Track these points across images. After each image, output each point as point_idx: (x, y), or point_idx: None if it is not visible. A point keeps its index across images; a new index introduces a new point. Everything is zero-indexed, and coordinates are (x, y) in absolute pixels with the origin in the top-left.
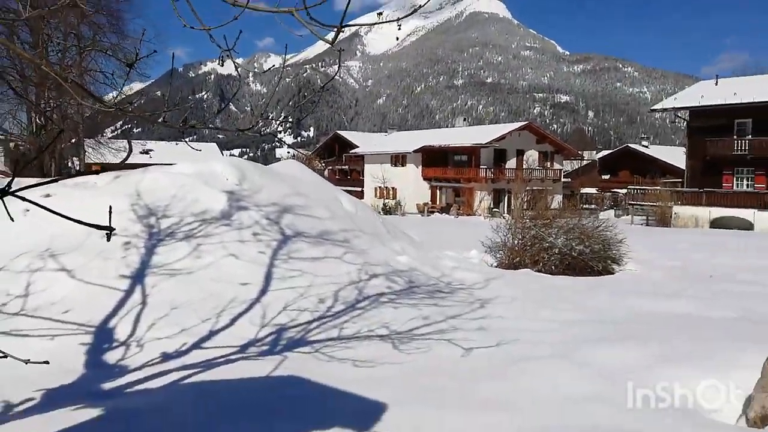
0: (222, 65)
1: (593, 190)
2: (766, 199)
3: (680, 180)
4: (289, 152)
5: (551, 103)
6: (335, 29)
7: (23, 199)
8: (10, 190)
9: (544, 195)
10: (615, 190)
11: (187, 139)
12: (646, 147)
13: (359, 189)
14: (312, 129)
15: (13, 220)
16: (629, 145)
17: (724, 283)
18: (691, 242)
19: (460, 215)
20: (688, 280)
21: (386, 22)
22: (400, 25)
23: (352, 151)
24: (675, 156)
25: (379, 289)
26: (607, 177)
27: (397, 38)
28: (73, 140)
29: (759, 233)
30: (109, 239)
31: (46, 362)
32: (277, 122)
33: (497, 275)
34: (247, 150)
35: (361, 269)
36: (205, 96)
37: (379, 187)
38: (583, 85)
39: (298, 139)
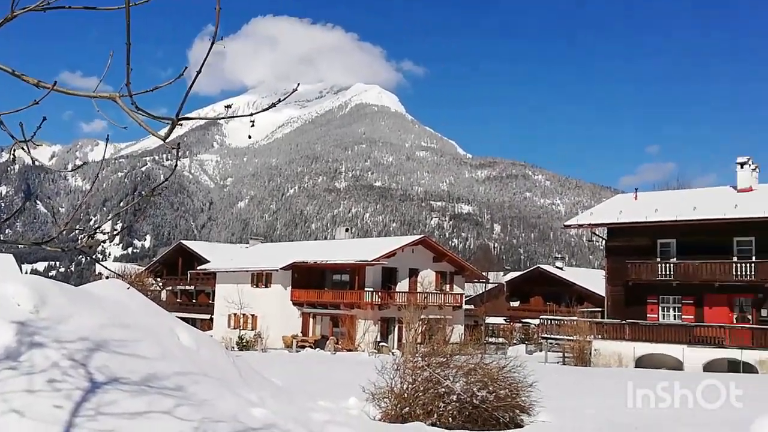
0: (13, 161)
1: (500, 320)
2: (696, 333)
3: (600, 309)
4: (100, 273)
5: (451, 213)
6: (169, 122)
7: None
8: None
9: (443, 325)
10: (526, 320)
11: None
12: (561, 269)
13: (208, 316)
14: (149, 238)
15: None
16: (541, 266)
17: None
18: (615, 385)
19: (339, 351)
20: None
21: (235, 116)
22: (253, 122)
23: (201, 267)
24: (594, 280)
25: None
26: (516, 304)
27: (249, 136)
28: None
29: (689, 373)
30: None
31: None
32: (91, 230)
33: (381, 431)
34: (57, 263)
35: (199, 427)
36: (5, 192)
37: (235, 314)
38: (488, 193)
39: (129, 250)
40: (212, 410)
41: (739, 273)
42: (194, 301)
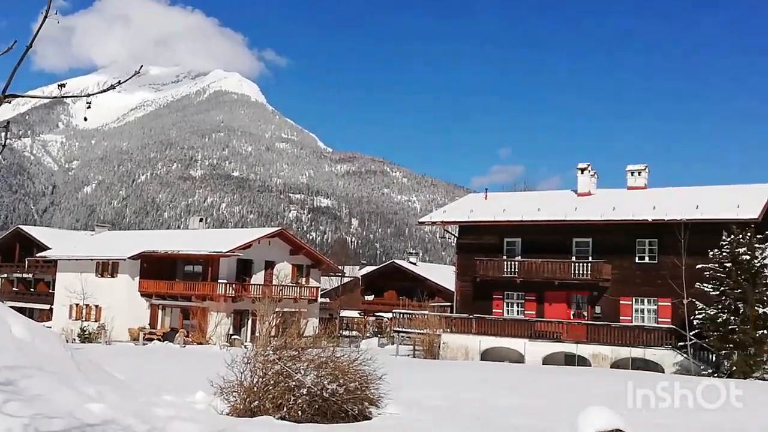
0: None
1: (355, 314)
2: (537, 328)
3: (450, 304)
4: None
5: (310, 206)
6: None
7: None
8: None
9: (297, 318)
10: (380, 313)
11: None
12: (414, 264)
13: (47, 307)
14: None
15: None
16: (395, 261)
17: (496, 427)
18: (461, 378)
19: (189, 344)
20: (459, 424)
21: (69, 96)
22: (89, 103)
23: (41, 254)
24: (445, 275)
25: None
26: (371, 298)
27: (85, 118)
28: None
29: (530, 366)
30: None
31: None
32: None
33: (227, 426)
34: None
35: (30, 424)
36: None
37: (77, 304)
38: (347, 188)
39: None
40: (46, 406)
41: (576, 272)
42: (32, 290)
